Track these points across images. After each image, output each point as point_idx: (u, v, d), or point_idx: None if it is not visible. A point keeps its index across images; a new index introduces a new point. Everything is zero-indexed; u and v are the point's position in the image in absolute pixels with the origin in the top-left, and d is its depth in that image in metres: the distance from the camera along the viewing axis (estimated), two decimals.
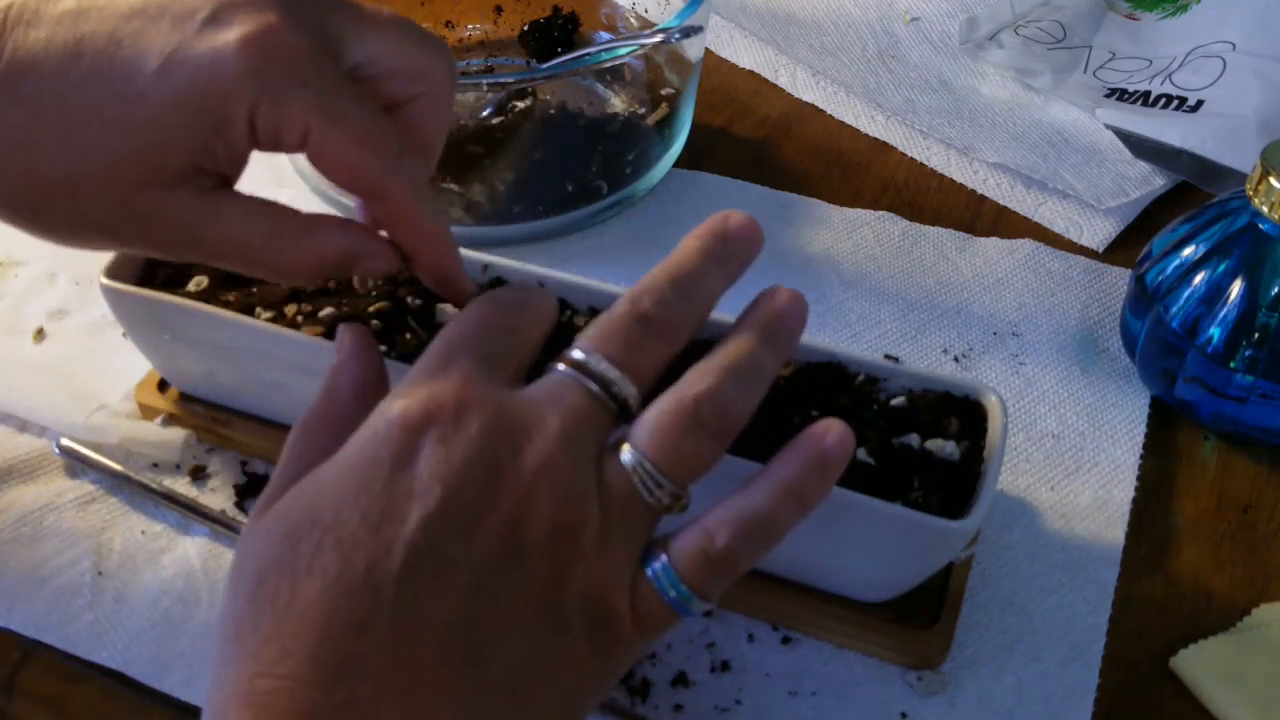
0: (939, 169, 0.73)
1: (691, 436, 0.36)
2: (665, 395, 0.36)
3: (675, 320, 0.37)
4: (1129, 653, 0.48)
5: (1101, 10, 0.84)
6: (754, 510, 0.36)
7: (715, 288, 0.39)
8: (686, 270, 0.38)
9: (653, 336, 0.37)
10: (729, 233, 0.39)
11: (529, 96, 0.65)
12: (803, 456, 0.37)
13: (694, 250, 0.39)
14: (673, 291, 0.38)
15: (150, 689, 0.46)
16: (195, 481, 0.53)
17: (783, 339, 0.39)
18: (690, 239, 0.39)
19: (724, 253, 0.39)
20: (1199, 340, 0.54)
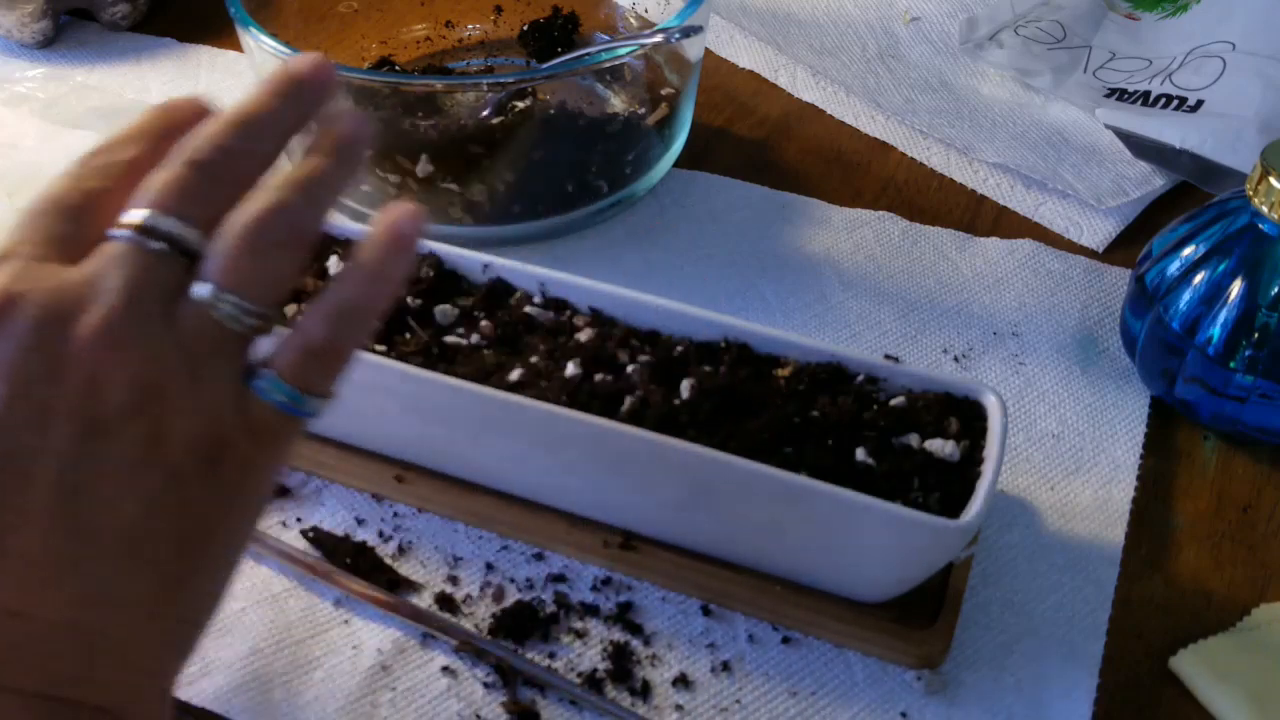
0: (939, 169, 0.73)
1: (260, 254, 0.35)
2: (229, 221, 0.36)
3: (237, 160, 0.37)
4: (1129, 653, 0.48)
5: (1101, 10, 0.84)
6: (344, 299, 0.37)
7: (283, 124, 0.38)
8: (245, 111, 0.37)
9: (212, 181, 0.36)
10: (293, 69, 0.38)
11: (529, 96, 0.65)
12: (381, 240, 0.37)
13: (256, 92, 0.38)
14: (231, 133, 0.37)
15: None
16: None
17: (346, 153, 0.38)
18: (256, 85, 0.39)
19: (289, 89, 0.38)
20: (1199, 340, 0.54)
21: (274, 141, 0.38)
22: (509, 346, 0.51)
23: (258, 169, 0.37)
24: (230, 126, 0.37)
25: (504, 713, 0.45)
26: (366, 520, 0.52)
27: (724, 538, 0.48)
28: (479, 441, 0.50)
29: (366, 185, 0.65)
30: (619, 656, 0.47)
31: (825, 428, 0.47)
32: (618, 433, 0.46)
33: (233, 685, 0.46)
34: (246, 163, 0.37)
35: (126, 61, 0.80)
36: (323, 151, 0.38)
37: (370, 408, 0.51)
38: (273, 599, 0.49)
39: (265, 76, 0.38)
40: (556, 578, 0.50)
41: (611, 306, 0.52)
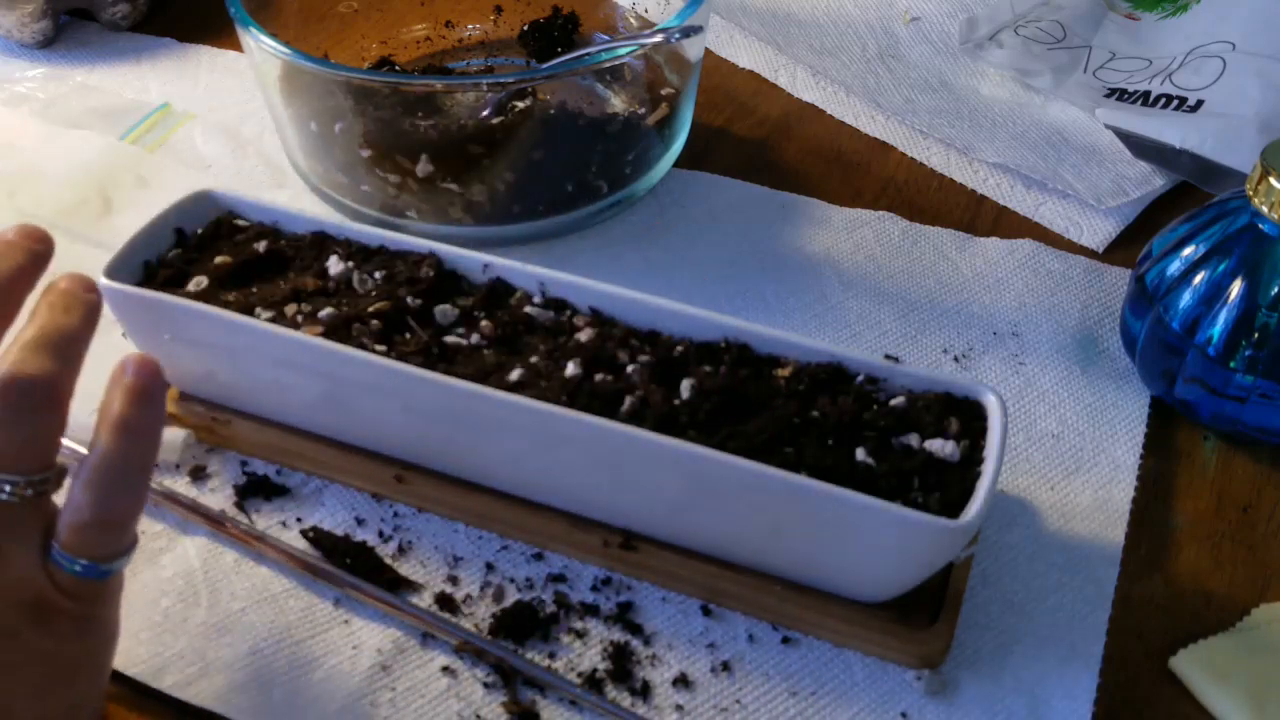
0: (939, 169, 0.73)
1: (10, 426, 0.38)
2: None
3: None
4: (1129, 653, 0.48)
5: (1101, 10, 0.84)
6: (103, 461, 0.39)
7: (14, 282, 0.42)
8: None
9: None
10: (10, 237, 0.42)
11: (529, 96, 0.65)
12: (119, 397, 0.40)
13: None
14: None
15: (149, 689, 0.46)
16: (195, 481, 0.53)
17: (78, 306, 0.41)
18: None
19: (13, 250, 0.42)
20: (1199, 340, 0.54)
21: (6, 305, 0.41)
22: (509, 346, 0.51)
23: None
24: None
25: (504, 713, 0.45)
26: (366, 520, 0.52)
27: (724, 538, 0.48)
28: (479, 441, 0.50)
29: (366, 185, 0.65)
30: (619, 656, 0.47)
31: (825, 428, 0.47)
32: (618, 433, 0.46)
33: (233, 685, 0.46)
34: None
35: (126, 61, 0.80)
36: (58, 306, 0.41)
37: (370, 408, 0.51)
38: (273, 599, 0.49)
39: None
40: (556, 578, 0.50)
41: (611, 306, 0.52)
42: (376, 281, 0.53)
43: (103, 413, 0.40)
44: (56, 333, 0.40)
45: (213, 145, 0.73)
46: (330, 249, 0.55)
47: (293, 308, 0.52)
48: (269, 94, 0.66)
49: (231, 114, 0.75)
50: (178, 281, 0.53)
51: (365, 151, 0.64)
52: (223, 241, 0.55)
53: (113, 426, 0.39)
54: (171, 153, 0.72)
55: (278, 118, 0.67)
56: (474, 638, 0.47)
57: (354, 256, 0.55)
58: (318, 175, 0.67)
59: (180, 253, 0.54)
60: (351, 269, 0.54)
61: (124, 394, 0.40)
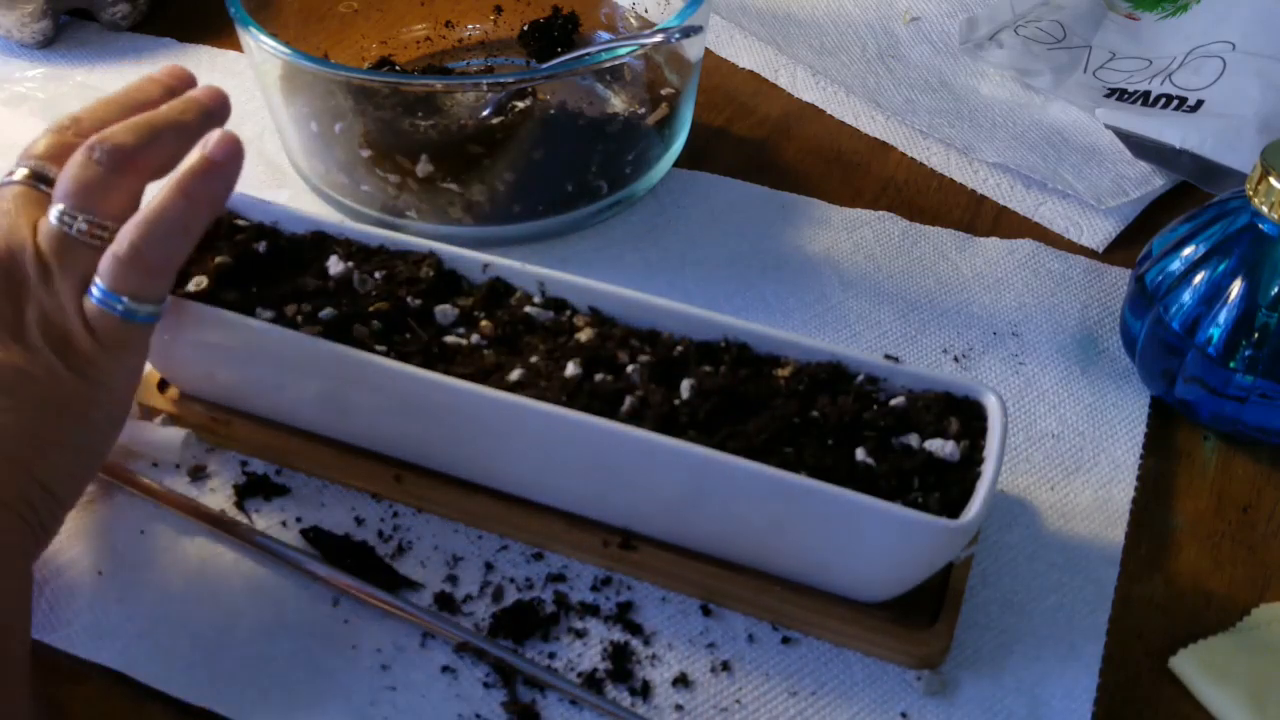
0: (939, 169, 0.73)
1: (88, 169, 0.45)
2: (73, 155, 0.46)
3: (97, 117, 0.48)
4: (1129, 653, 0.48)
5: (1101, 10, 0.84)
6: (156, 211, 0.45)
7: (158, 105, 0.50)
8: (129, 96, 0.50)
9: (74, 133, 0.48)
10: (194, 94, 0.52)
11: (529, 96, 0.65)
12: (193, 165, 0.46)
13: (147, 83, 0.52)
14: (103, 107, 0.49)
15: (150, 689, 0.46)
16: (195, 481, 0.53)
17: (194, 114, 0.50)
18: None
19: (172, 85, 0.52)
20: (1199, 340, 0.54)
21: (140, 114, 0.49)
22: (509, 346, 0.51)
23: (122, 117, 0.48)
24: (104, 104, 0.50)
25: (504, 713, 0.45)
26: (366, 520, 0.52)
27: (724, 538, 0.48)
28: (479, 441, 0.50)
29: (366, 185, 0.65)
30: (619, 656, 0.47)
31: (825, 428, 0.47)
32: (618, 433, 0.46)
33: (233, 687, 0.46)
34: (107, 117, 0.49)
35: (126, 61, 0.80)
36: (179, 105, 0.50)
37: (370, 408, 0.51)
38: (273, 599, 0.49)
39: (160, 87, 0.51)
40: (556, 577, 0.50)
41: (611, 306, 0.52)
42: (376, 281, 0.53)
43: (174, 173, 0.46)
44: (163, 120, 0.48)
45: None
46: (330, 249, 0.55)
47: (293, 308, 0.52)
48: (269, 94, 0.66)
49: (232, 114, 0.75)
50: (178, 281, 0.53)
51: (365, 151, 0.64)
52: (223, 241, 0.55)
53: (176, 186, 0.45)
54: None
55: (278, 118, 0.67)
56: (474, 638, 0.47)
57: (354, 256, 0.55)
58: (318, 175, 0.67)
59: None
60: (351, 269, 0.54)
61: (196, 163, 0.46)
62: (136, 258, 0.44)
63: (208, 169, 0.46)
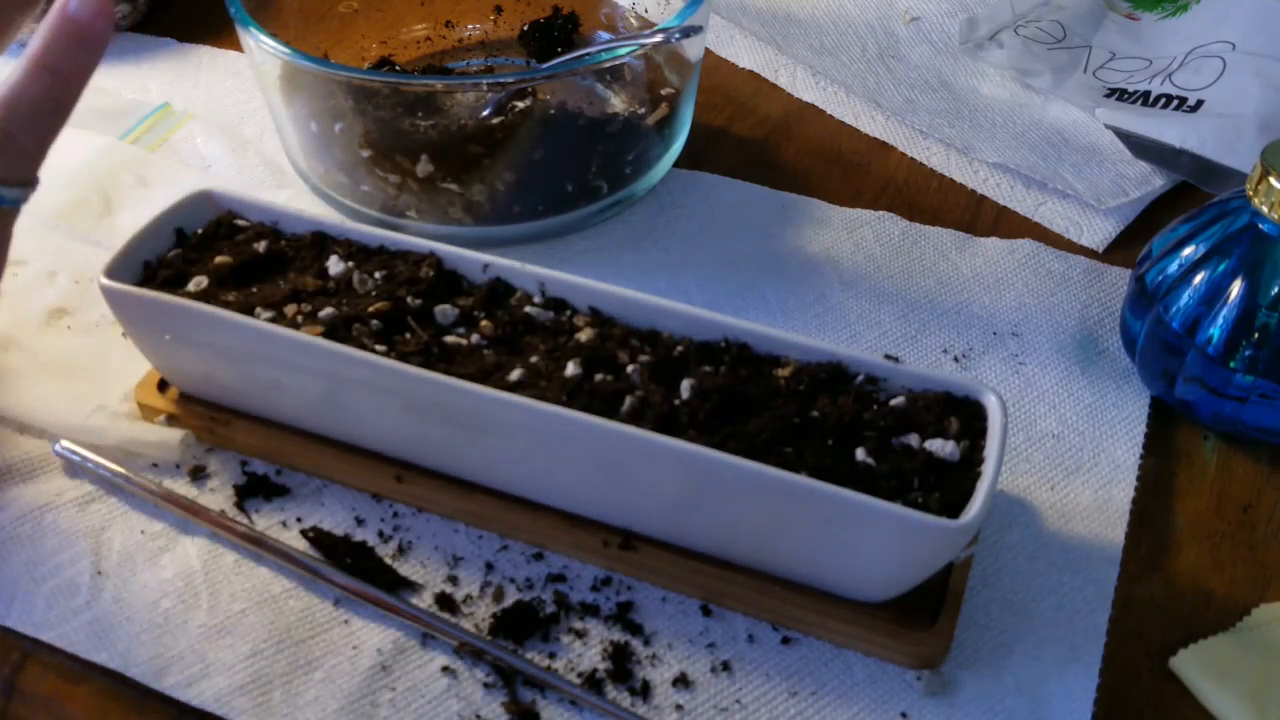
0: (939, 169, 0.73)
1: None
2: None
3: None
4: (1129, 653, 0.48)
5: (1101, 10, 0.84)
6: (13, 92, 0.40)
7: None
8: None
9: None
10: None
11: (529, 96, 0.65)
12: (50, 29, 0.40)
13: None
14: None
15: (150, 689, 0.46)
16: (195, 481, 0.53)
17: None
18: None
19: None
20: (1199, 340, 0.54)
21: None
22: (509, 346, 0.51)
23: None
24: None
25: (504, 713, 0.45)
26: (366, 520, 0.52)
27: (724, 538, 0.48)
28: (479, 441, 0.50)
29: (366, 185, 0.65)
30: (619, 656, 0.47)
31: (825, 428, 0.47)
32: (618, 433, 0.46)
33: (232, 687, 0.46)
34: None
35: (126, 61, 0.80)
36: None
37: (370, 408, 0.51)
38: (272, 599, 0.49)
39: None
40: (556, 578, 0.50)
41: (611, 306, 0.52)
42: (376, 281, 0.53)
43: (33, 44, 0.41)
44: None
45: (213, 145, 0.73)
46: (330, 249, 0.55)
47: (293, 308, 0.52)
48: (269, 94, 0.66)
49: (231, 114, 0.75)
50: (178, 281, 0.53)
51: (365, 151, 0.64)
52: (223, 241, 0.55)
53: (38, 60, 0.40)
54: (171, 153, 0.72)
55: (278, 118, 0.67)
56: (474, 638, 0.47)
57: (354, 256, 0.55)
58: (318, 175, 0.67)
59: (180, 253, 0.54)
60: (351, 269, 0.54)
61: (57, 32, 0.41)
62: (6, 141, 0.41)
63: (71, 34, 0.41)
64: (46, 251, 0.64)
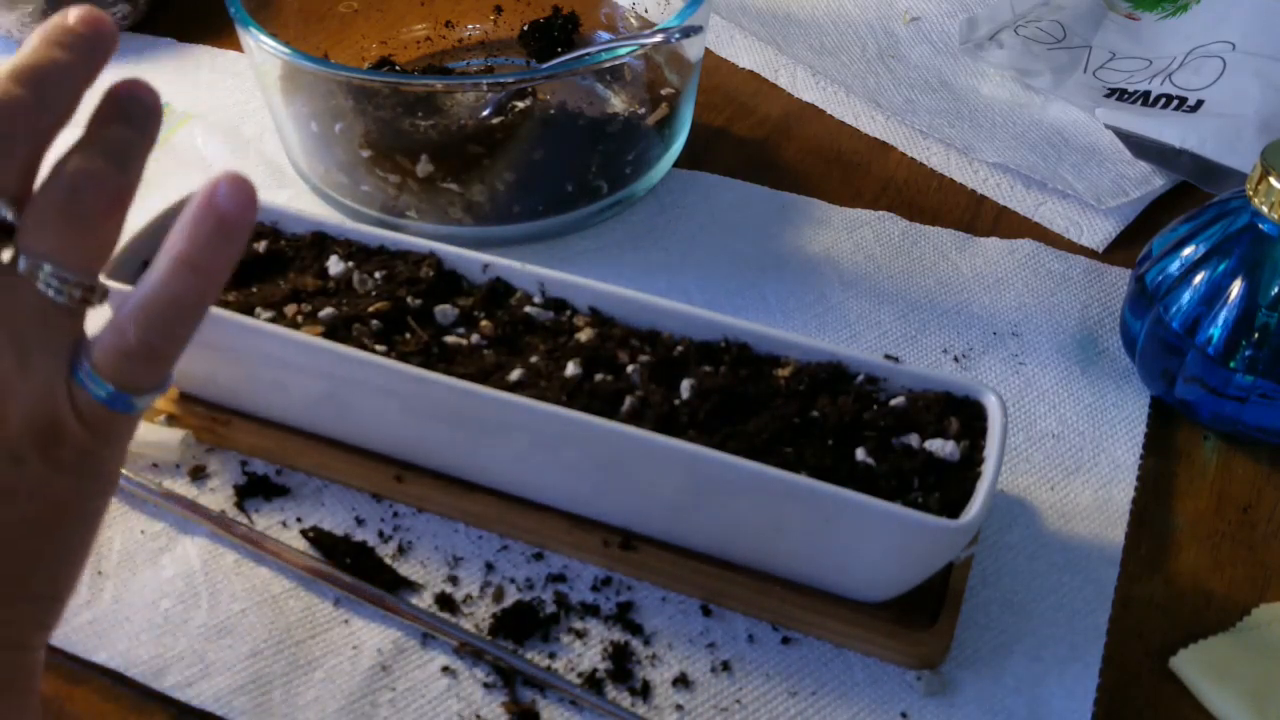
0: (939, 169, 0.73)
1: (75, 219, 0.33)
2: (40, 188, 0.34)
3: (28, 115, 0.34)
4: (1129, 653, 0.48)
5: (1101, 10, 0.84)
6: (156, 294, 0.35)
7: (69, 76, 0.35)
8: (25, 63, 0.34)
9: (5, 141, 0.33)
10: (68, 21, 0.36)
11: (529, 96, 0.65)
12: (194, 222, 0.34)
13: (31, 45, 0.35)
14: (13, 87, 0.34)
15: (150, 689, 0.46)
16: (195, 481, 0.53)
17: (140, 114, 0.38)
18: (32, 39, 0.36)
19: (67, 39, 0.36)
20: (1199, 340, 0.54)
21: (61, 95, 0.35)
22: (509, 346, 0.51)
23: (48, 118, 0.35)
24: (11, 80, 0.34)
25: (504, 713, 0.45)
26: (366, 520, 0.52)
27: (724, 538, 0.48)
28: (479, 441, 0.50)
29: (366, 185, 0.65)
30: (619, 656, 0.47)
31: (825, 428, 0.47)
32: (618, 433, 0.46)
33: (233, 687, 0.46)
34: (29, 110, 0.34)
35: (126, 61, 0.80)
36: (115, 116, 0.37)
37: (370, 408, 0.51)
38: (273, 599, 0.49)
39: (40, 30, 0.36)
40: (556, 578, 0.50)
41: (611, 306, 0.52)
42: (376, 281, 0.53)
43: (174, 239, 0.35)
44: (121, 138, 0.36)
45: (213, 145, 0.73)
46: (330, 249, 0.55)
47: (293, 308, 0.52)
48: (269, 94, 0.66)
49: (231, 114, 0.75)
50: None
51: (365, 151, 0.64)
52: None
53: (182, 258, 0.34)
54: (171, 153, 0.72)
55: (278, 118, 0.67)
56: (474, 638, 0.47)
57: (354, 256, 0.55)
58: (318, 175, 0.67)
59: None
60: (351, 269, 0.54)
61: (205, 225, 0.35)
62: (146, 351, 0.35)
63: (218, 228, 0.35)
64: None
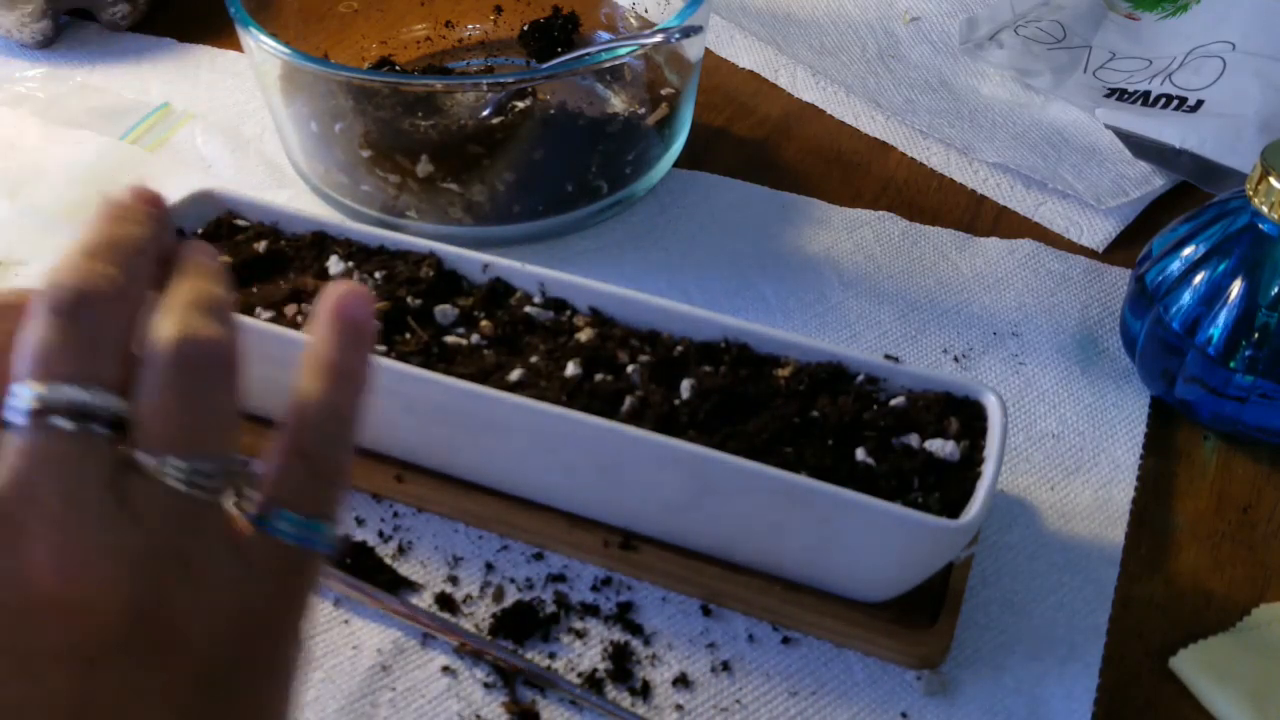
0: (939, 169, 0.73)
1: (192, 399, 0.30)
2: (142, 371, 0.30)
3: (112, 290, 0.30)
4: (1129, 653, 0.48)
5: (1101, 10, 0.84)
6: (318, 409, 0.33)
7: (141, 243, 0.32)
8: (97, 239, 0.31)
9: (97, 323, 0.30)
10: (126, 197, 0.33)
11: (529, 96, 0.65)
12: (331, 332, 0.33)
13: (97, 221, 0.32)
14: (89, 260, 0.30)
15: None
16: None
17: (215, 271, 0.34)
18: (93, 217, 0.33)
19: (133, 214, 0.33)
20: (1199, 340, 0.54)
21: (142, 269, 0.32)
22: (509, 346, 0.51)
23: (137, 303, 0.31)
24: (88, 257, 0.31)
25: (504, 713, 0.45)
26: (366, 520, 0.52)
27: (724, 538, 0.48)
28: (479, 441, 0.50)
29: (366, 185, 0.65)
30: (619, 656, 0.47)
31: (825, 428, 0.47)
32: (618, 433, 0.46)
33: None
34: (127, 296, 0.31)
35: (126, 61, 0.80)
36: (193, 272, 0.33)
37: (370, 408, 0.51)
38: None
39: (103, 210, 0.33)
40: (556, 578, 0.50)
41: (611, 306, 0.52)
42: (376, 281, 0.53)
43: (314, 354, 0.33)
44: (212, 298, 0.32)
45: (213, 145, 0.73)
46: (330, 249, 0.55)
47: (293, 308, 0.52)
48: (269, 94, 0.66)
49: (231, 114, 0.75)
50: None
51: (365, 151, 0.64)
52: (223, 241, 0.55)
53: (327, 371, 0.33)
54: (171, 153, 0.72)
55: (278, 118, 0.67)
56: (474, 638, 0.47)
57: (354, 256, 0.55)
58: (318, 175, 0.67)
59: None
60: (351, 269, 0.54)
61: (339, 335, 0.33)
62: (329, 468, 0.33)
63: (356, 335, 0.33)
64: (46, 252, 0.64)
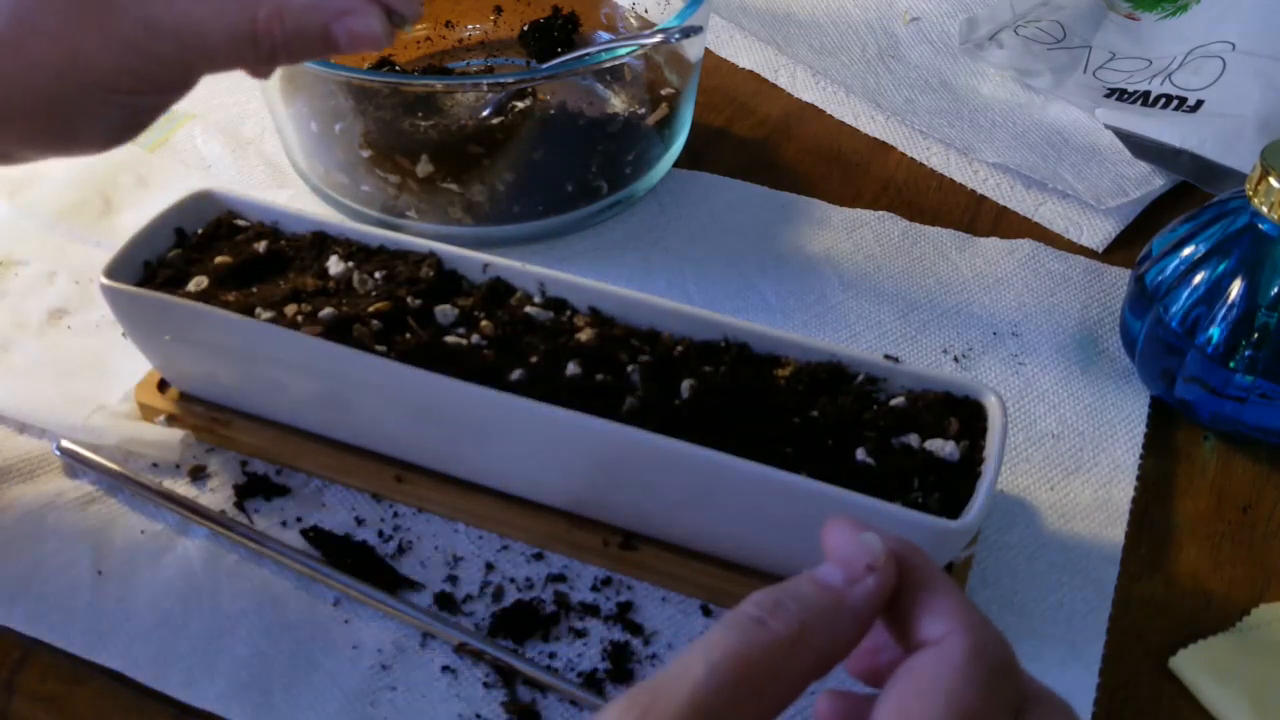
0: (939, 169, 0.73)
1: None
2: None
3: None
4: (1129, 653, 0.48)
5: (1101, 10, 0.84)
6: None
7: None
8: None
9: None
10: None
11: (529, 96, 0.65)
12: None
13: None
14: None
15: (150, 689, 0.46)
16: (195, 482, 0.53)
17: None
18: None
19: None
20: (1199, 340, 0.54)
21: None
22: (509, 346, 0.51)
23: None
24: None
25: (504, 713, 0.45)
26: (366, 520, 0.52)
27: (724, 538, 0.48)
28: (479, 441, 0.50)
29: (366, 185, 0.65)
30: (619, 656, 0.47)
31: (825, 428, 0.47)
32: (618, 433, 0.46)
33: (233, 687, 0.46)
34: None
35: None
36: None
37: (370, 408, 0.51)
38: (273, 599, 0.49)
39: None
40: (556, 577, 0.50)
41: (611, 306, 0.52)
42: (376, 281, 0.53)
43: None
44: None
45: (213, 145, 0.73)
46: (330, 249, 0.55)
47: (293, 308, 0.52)
48: (269, 94, 0.66)
49: (231, 114, 0.75)
50: (178, 281, 0.53)
51: (365, 151, 0.64)
52: (223, 241, 0.55)
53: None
54: (171, 153, 0.72)
55: (278, 118, 0.67)
56: (474, 638, 0.47)
57: (354, 256, 0.55)
58: (318, 175, 0.67)
59: (180, 253, 0.54)
60: (351, 269, 0.54)
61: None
62: None
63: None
64: (47, 252, 0.64)
